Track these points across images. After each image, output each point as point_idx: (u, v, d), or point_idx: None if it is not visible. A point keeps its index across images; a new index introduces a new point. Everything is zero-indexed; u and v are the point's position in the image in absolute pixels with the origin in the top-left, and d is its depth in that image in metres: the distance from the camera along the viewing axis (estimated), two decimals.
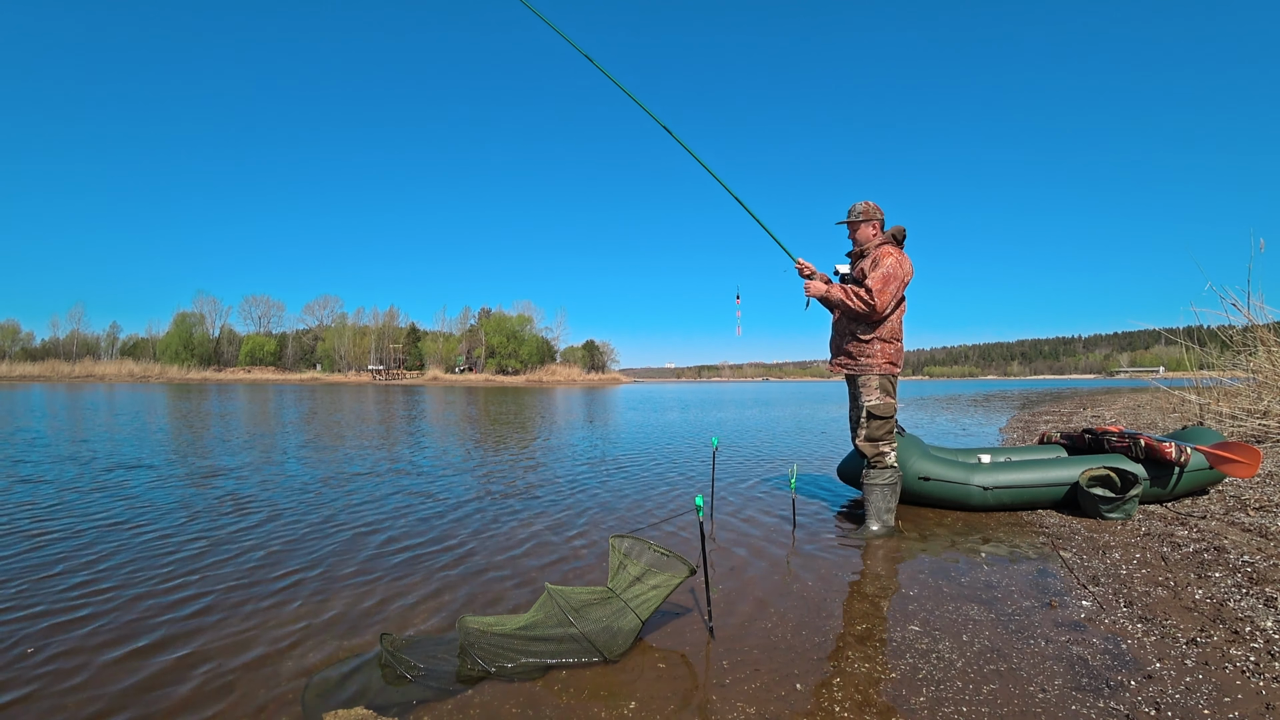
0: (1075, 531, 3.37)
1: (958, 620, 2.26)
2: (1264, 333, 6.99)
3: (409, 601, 2.48)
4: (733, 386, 68.49)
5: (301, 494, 4.63)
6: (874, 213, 3.53)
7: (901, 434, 4.05)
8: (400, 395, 28.49)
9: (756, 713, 1.67)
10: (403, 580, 2.73)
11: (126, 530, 3.54)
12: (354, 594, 2.56)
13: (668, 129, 3.89)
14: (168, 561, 2.98)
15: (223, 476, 5.37)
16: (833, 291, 3.45)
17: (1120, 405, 14.20)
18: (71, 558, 3.02)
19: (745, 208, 3.85)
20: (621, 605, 2.07)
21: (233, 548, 3.21)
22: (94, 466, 5.82)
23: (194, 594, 2.56)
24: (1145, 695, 1.71)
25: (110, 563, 2.95)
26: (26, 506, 4.11)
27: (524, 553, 3.15)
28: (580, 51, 3.94)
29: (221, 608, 2.41)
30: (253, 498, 4.47)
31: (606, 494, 4.70)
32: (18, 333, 77.67)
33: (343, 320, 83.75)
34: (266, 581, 2.71)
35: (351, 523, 3.76)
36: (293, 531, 3.55)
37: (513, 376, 75.00)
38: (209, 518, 3.85)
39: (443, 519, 3.87)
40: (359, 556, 3.08)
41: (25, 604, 2.43)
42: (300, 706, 1.70)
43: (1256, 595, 2.35)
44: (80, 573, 2.80)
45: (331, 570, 2.87)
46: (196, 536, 3.42)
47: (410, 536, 3.45)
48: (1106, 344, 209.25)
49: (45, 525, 3.63)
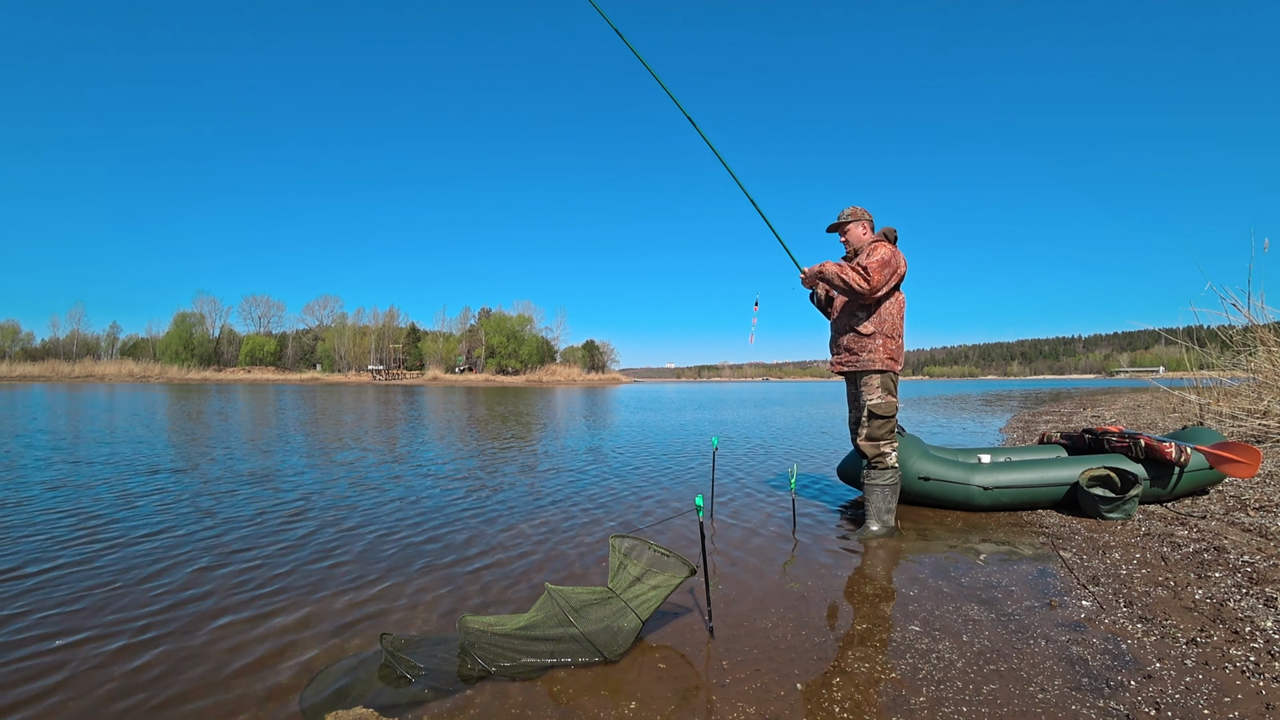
0: (1075, 531, 3.37)
1: (958, 620, 2.26)
2: (1264, 333, 6.99)
3: (409, 601, 2.48)
4: (733, 386, 68.47)
5: (298, 494, 4.63)
6: (862, 214, 3.54)
7: (901, 434, 4.05)
8: (400, 395, 28.48)
9: (756, 713, 1.67)
10: (403, 580, 2.73)
11: (126, 531, 3.54)
12: (354, 594, 2.56)
13: (695, 124, 3.80)
14: (166, 562, 2.98)
15: (222, 476, 5.37)
16: (827, 265, 3.42)
17: (1120, 405, 14.19)
18: (81, 561, 3.02)
19: (762, 215, 3.83)
20: (621, 605, 2.07)
21: (231, 548, 3.21)
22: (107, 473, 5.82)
23: (193, 594, 2.56)
24: (1145, 695, 1.71)
25: (103, 561, 2.95)
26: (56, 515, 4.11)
27: (524, 553, 3.15)
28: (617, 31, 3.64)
29: (221, 607, 2.41)
30: (252, 498, 4.47)
31: (606, 494, 4.70)
32: (18, 333, 77.73)
33: (343, 320, 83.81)
34: (266, 581, 2.71)
35: (351, 522, 3.76)
36: (292, 531, 3.54)
37: (513, 376, 74.98)
38: (207, 518, 3.85)
39: (442, 519, 3.87)
40: (359, 556, 3.08)
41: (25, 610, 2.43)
42: (300, 706, 1.70)
43: (1256, 595, 2.35)
44: (92, 575, 2.80)
45: (331, 570, 2.87)
46: (196, 537, 3.42)
47: (410, 536, 3.45)
48: (1106, 344, 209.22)
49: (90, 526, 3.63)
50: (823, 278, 3.44)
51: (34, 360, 70.69)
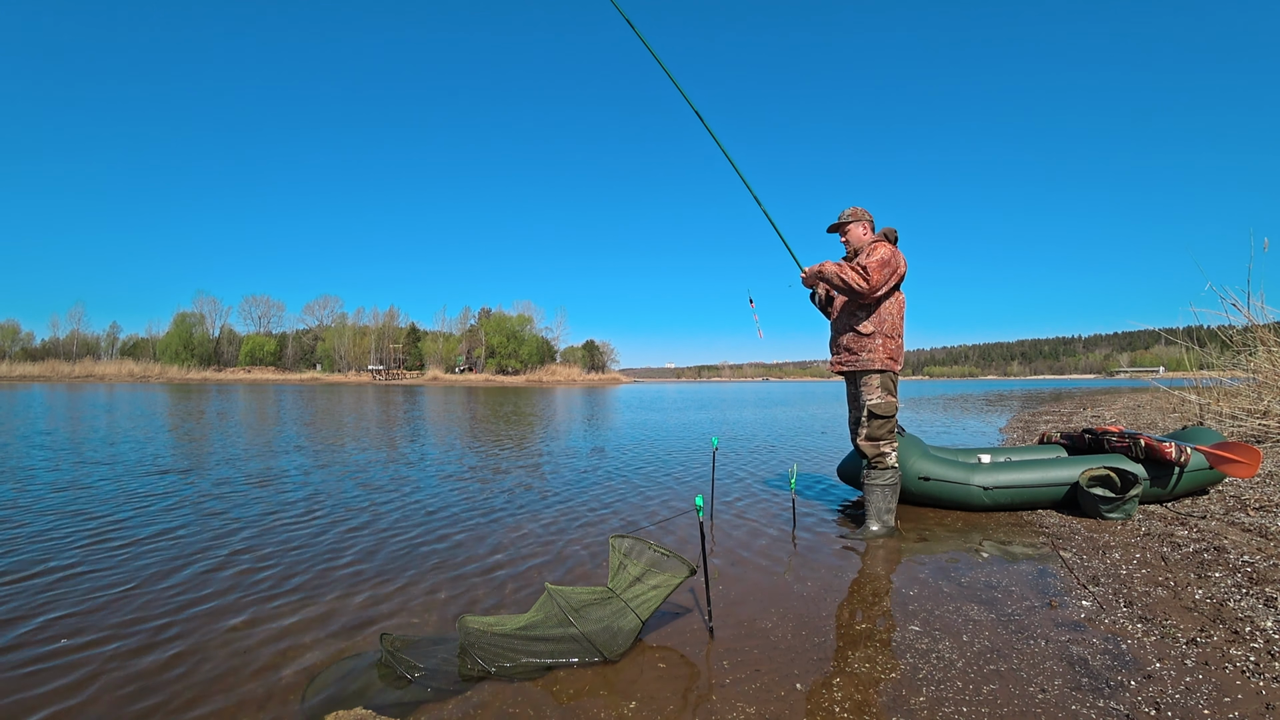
0: (1075, 531, 3.37)
1: (958, 620, 2.26)
2: (1264, 333, 6.99)
3: (409, 601, 2.48)
4: (733, 386, 68.47)
5: (299, 494, 4.63)
6: (862, 214, 3.54)
7: (901, 434, 4.05)
8: (400, 395, 28.48)
9: (756, 713, 1.67)
10: (403, 580, 2.73)
11: (128, 531, 3.54)
12: (354, 594, 2.56)
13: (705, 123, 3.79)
14: (164, 563, 2.98)
15: (221, 477, 5.37)
16: (827, 265, 3.43)
17: (1120, 405, 14.19)
18: (92, 561, 3.02)
19: (768, 216, 3.84)
20: (622, 605, 2.07)
21: (231, 548, 3.21)
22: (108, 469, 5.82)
23: (192, 595, 2.56)
24: (1145, 695, 1.71)
25: (105, 562, 2.95)
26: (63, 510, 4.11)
27: (524, 553, 3.15)
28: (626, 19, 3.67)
29: (221, 608, 2.41)
30: (256, 499, 4.47)
31: (606, 493, 4.70)
32: (18, 333, 77.73)
33: (343, 320, 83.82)
34: (266, 582, 2.71)
35: (352, 523, 3.76)
36: (294, 532, 3.54)
37: (513, 376, 74.99)
38: (205, 518, 3.85)
39: (442, 518, 3.87)
40: (359, 556, 3.08)
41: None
42: (300, 706, 1.70)
43: (1256, 595, 2.35)
44: (94, 578, 2.80)
45: (331, 570, 2.87)
46: (195, 536, 3.42)
47: (410, 536, 3.45)
48: (1106, 344, 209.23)
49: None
50: (822, 277, 3.44)
51: (34, 360, 70.68)
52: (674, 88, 3.82)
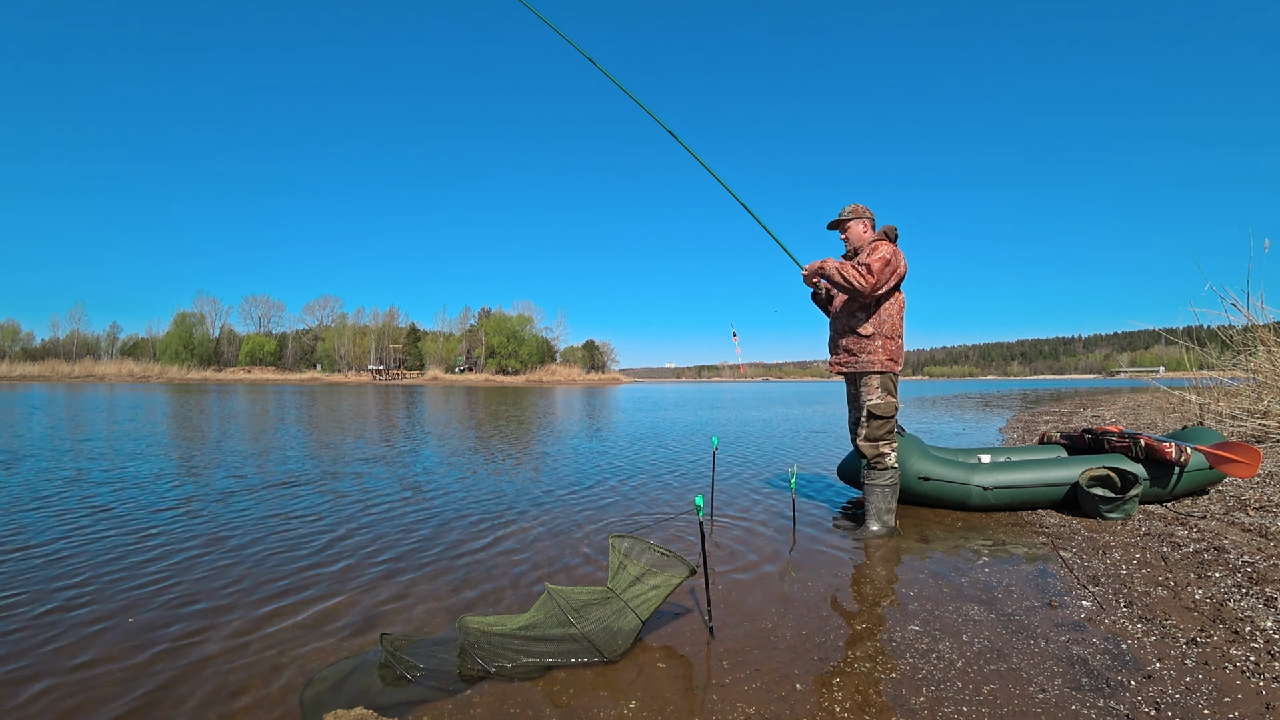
0: (1075, 531, 3.37)
1: (958, 620, 2.26)
2: (1264, 333, 6.99)
3: (409, 601, 2.48)
4: (733, 386, 68.44)
5: (299, 495, 4.63)
6: (863, 211, 3.54)
7: (901, 434, 4.05)
8: (401, 396, 28.48)
9: (756, 713, 1.67)
10: (402, 580, 2.73)
11: (131, 534, 3.54)
12: (354, 594, 2.56)
13: (676, 136, 3.89)
14: (162, 564, 2.98)
15: (219, 478, 5.37)
16: (828, 262, 3.42)
17: (1120, 405, 14.19)
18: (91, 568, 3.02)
19: (752, 214, 3.86)
20: (622, 605, 2.07)
21: (230, 548, 3.21)
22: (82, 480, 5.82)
23: (191, 595, 2.56)
24: (1145, 695, 1.71)
25: (103, 560, 2.95)
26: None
27: (524, 553, 3.14)
28: (587, 57, 3.94)
29: (221, 608, 2.41)
30: (257, 500, 4.47)
31: (606, 494, 4.70)
32: (18, 333, 77.74)
33: (343, 320, 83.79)
34: (266, 582, 2.71)
35: (350, 522, 3.76)
36: (294, 531, 3.54)
37: (513, 376, 74.99)
38: (205, 519, 3.85)
39: (442, 518, 3.87)
40: (358, 556, 3.08)
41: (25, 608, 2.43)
42: (300, 706, 1.70)
43: (1256, 595, 2.35)
44: (96, 579, 2.80)
45: (330, 570, 2.87)
46: (195, 536, 3.42)
47: (410, 536, 3.45)
48: (1106, 344, 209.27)
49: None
50: (823, 274, 3.44)
51: (34, 360, 70.69)
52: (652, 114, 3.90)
